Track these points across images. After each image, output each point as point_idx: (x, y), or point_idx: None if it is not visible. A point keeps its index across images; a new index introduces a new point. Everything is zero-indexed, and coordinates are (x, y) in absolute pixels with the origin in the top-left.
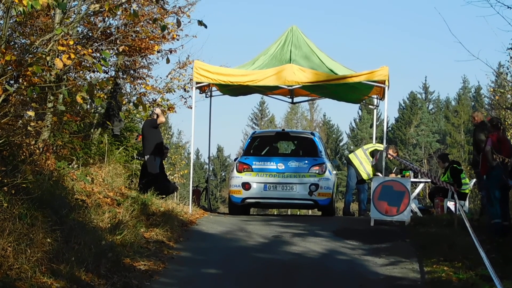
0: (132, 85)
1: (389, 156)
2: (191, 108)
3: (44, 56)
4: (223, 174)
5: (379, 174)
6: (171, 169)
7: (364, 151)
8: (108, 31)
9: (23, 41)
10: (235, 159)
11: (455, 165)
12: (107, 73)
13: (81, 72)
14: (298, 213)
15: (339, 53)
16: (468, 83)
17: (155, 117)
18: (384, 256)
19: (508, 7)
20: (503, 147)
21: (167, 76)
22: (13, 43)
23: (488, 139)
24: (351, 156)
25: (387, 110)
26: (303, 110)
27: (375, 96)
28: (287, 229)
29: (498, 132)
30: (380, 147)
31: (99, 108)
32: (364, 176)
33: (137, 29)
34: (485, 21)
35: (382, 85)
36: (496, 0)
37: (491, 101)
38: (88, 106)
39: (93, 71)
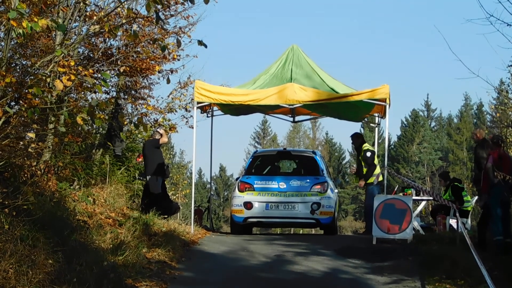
0: (133, 106)
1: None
2: (193, 128)
3: (44, 77)
4: (225, 193)
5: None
6: (173, 188)
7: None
8: (109, 52)
9: (24, 63)
10: (237, 179)
11: (456, 183)
12: (108, 93)
13: (82, 93)
14: (301, 232)
15: (340, 71)
16: (470, 100)
17: (157, 136)
18: (387, 275)
19: (508, 25)
20: (504, 164)
21: (168, 96)
22: (14, 64)
23: (489, 156)
24: None
25: (389, 128)
26: (305, 128)
27: (377, 114)
28: (290, 248)
29: (499, 149)
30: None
31: (101, 129)
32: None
33: (138, 49)
34: (485, 39)
35: (383, 103)
36: (495, 17)
37: (493, 118)
38: (89, 127)
39: (94, 92)
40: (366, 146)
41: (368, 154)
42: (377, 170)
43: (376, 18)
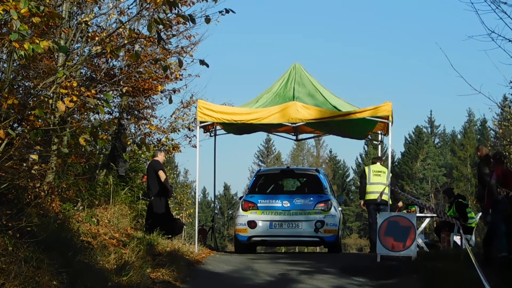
0: (136, 126)
1: None
2: (196, 147)
3: (47, 99)
4: (230, 212)
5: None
6: (177, 208)
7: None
8: (112, 72)
9: (26, 84)
10: (241, 198)
11: (460, 200)
12: (111, 114)
13: (85, 114)
14: (305, 250)
15: (342, 89)
16: (473, 116)
17: (159, 157)
18: None
19: (510, 41)
20: (509, 181)
21: (171, 115)
22: (16, 86)
23: (493, 172)
24: None
25: (392, 145)
26: (309, 146)
27: (380, 132)
28: (294, 266)
29: (502, 165)
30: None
31: (104, 150)
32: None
33: (140, 69)
34: (487, 55)
35: (386, 121)
36: (497, 34)
37: (496, 134)
38: (92, 148)
39: (97, 113)
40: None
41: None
42: (373, 187)
43: (378, 36)
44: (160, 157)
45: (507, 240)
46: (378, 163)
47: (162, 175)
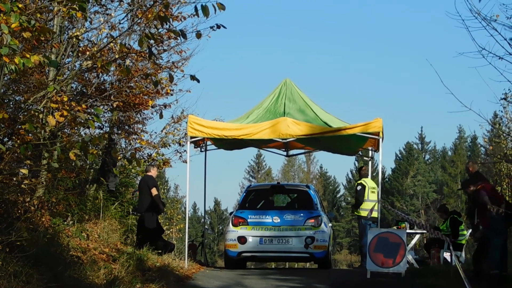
0: (127, 141)
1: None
2: (187, 162)
3: (37, 113)
4: (220, 227)
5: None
6: (167, 223)
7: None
8: (102, 87)
9: (17, 99)
10: (231, 213)
11: (455, 216)
12: (101, 128)
13: (75, 128)
14: (296, 266)
15: (333, 105)
16: (464, 133)
17: (152, 172)
18: None
19: (500, 58)
20: (498, 197)
21: (162, 130)
22: (7, 100)
23: (482, 190)
24: None
25: (383, 161)
26: (299, 162)
27: (370, 148)
28: (284, 282)
29: (488, 182)
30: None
31: (94, 164)
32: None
33: (131, 84)
34: (477, 72)
35: (376, 137)
36: (487, 51)
37: (486, 151)
38: (82, 163)
39: (87, 127)
40: (359, 180)
41: (358, 187)
42: (369, 204)
43: (369, 52)
44: (153, 172)
45: (500, 256)
46: (369, 177)
47: (154, 191)
